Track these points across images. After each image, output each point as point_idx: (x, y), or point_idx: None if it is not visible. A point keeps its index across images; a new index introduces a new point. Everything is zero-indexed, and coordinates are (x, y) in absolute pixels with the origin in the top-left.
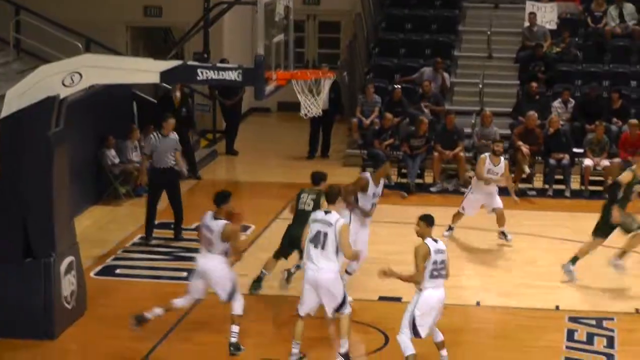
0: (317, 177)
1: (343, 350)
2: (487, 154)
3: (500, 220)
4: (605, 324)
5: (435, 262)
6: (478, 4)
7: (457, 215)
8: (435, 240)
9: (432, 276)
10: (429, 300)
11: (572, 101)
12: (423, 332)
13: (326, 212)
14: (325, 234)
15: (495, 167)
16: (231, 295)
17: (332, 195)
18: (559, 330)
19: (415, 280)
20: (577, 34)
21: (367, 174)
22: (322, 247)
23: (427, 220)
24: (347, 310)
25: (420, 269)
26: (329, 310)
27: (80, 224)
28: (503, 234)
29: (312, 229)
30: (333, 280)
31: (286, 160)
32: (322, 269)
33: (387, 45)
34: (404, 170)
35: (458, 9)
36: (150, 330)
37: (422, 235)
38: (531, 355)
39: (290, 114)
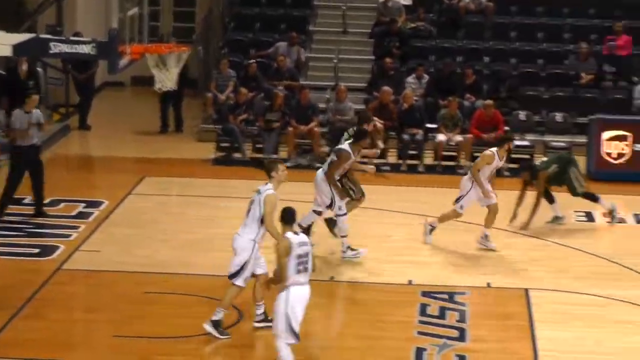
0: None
1: (215, 318)
2: (494, 150)
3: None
4: (457, 298)
5: (299, 256)
6: None
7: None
8: (297, 233)
9: (297, 271)
10: (299, 296)
11: (426, 77)
12: (298, 331)
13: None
14: (252, 202)
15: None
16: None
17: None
18: (412, 305)
19: (281, 278)
20: (432, 10)
21: (347, 147)
22: (247, 214)
23: (283, 220)
24: (238, 282)
25: (283, 265)
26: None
27: None
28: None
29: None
30: (239, 245)
31: (139, 135)
32: (238, 233)
33: (242, 19)
34: (258, 145)
35: None
36: (1, 306)
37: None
38: (384, 329)
39: (145, 88)
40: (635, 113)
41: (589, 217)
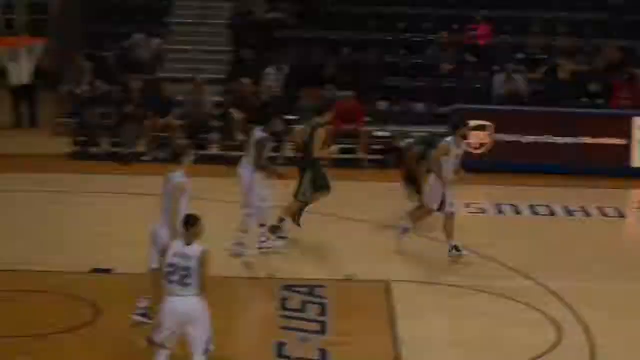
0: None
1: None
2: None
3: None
4: (317, 291)
5: (169, 265)
6: None
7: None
8: (189, 244)
9: (168, 281)
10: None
11: (285, 67)
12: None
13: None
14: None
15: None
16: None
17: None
18: (273, 299)
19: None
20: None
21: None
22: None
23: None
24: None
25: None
26: None
27: None
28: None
29: None
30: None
31: None
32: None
33: (99, 11)
34: (116, 139)
35: None
36: None
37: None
38: (246, 324)
39: None
40: (495, 103)
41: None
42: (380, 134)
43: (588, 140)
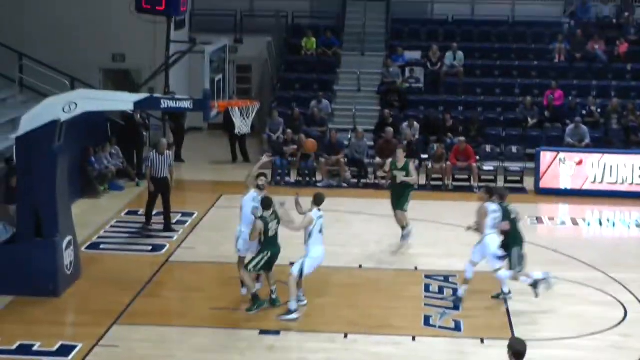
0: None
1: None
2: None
3: None
4: (450, 279)
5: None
6: (350, 52)
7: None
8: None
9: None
10: None
11: (415, 124)
12: None
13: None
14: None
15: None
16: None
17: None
18: (418, 284)
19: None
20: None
21: None
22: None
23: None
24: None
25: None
26: None
27: None
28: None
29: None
30: None
31: (216, 164)
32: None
33: (286, 82)
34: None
35: (335, 57)
36: (128, 288)
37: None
38: (401, 302)
39: (216, 131)
40: (566, 146)
41: (539, 220)
42: (485, 168)
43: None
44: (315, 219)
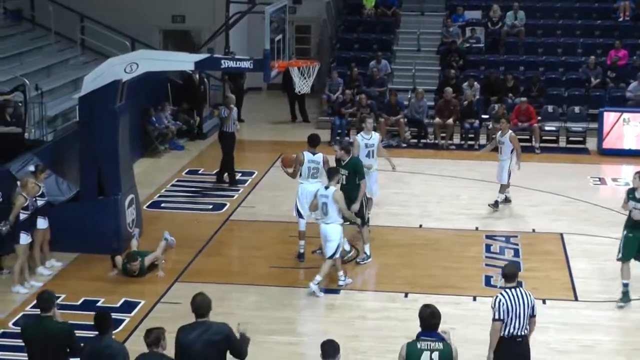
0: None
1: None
2: None
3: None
4: (511, 240)
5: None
6: (409, 12)
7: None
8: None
9: None
10: None
11: (475, 84)
12: None
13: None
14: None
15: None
16: None
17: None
18: (479, 244)
19: None
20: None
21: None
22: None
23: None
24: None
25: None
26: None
27: None
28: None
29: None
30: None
31: (275, 124)
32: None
33: (345, 42)
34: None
35: (394, 16)
36: (189, 246)
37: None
38: (461, 262)
39: (275, 91)
40: (629, 106)
41: (602, 181)
42: (547, 128)
43: None
44: None
